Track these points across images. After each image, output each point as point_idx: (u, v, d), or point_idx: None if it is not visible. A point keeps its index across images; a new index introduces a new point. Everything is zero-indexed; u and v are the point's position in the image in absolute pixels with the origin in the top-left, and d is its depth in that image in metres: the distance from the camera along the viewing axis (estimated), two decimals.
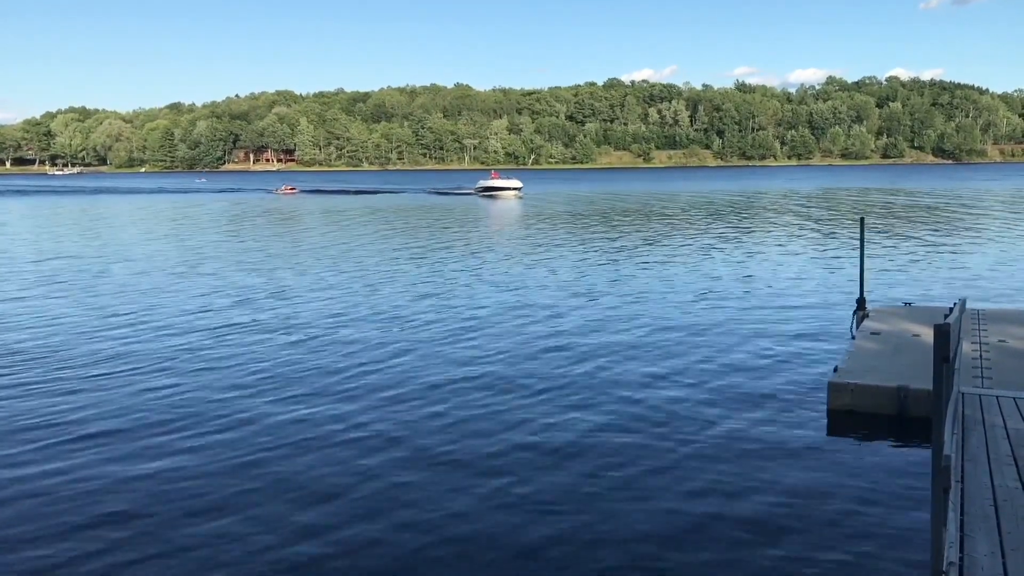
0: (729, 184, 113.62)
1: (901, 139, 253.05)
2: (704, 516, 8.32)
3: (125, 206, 76.38)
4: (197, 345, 16.28)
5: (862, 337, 14.60)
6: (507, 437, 10.69)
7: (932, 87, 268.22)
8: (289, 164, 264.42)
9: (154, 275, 27.05)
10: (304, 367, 14.49)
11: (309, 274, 27.03)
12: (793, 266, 27.90)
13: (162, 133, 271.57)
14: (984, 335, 14.29)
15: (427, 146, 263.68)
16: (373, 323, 18.42)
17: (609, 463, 9.76)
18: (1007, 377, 11.51)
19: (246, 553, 7.61)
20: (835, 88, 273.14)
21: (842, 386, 11.52)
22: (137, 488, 9.14)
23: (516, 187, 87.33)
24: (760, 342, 16.12)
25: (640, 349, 15.62)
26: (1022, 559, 4.89)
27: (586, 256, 31.56)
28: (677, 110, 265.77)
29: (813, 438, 10.62)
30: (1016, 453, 7.22)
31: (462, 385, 13.21)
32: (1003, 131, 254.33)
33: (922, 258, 29.67)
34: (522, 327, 17.80)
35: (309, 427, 11.16)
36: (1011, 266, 27.27)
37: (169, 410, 11.96)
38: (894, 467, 9.59)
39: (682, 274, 26.15)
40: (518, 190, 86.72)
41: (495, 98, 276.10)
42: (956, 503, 5.80)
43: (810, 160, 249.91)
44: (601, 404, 12.13)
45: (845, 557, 7.40)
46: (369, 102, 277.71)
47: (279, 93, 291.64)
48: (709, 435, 10.73)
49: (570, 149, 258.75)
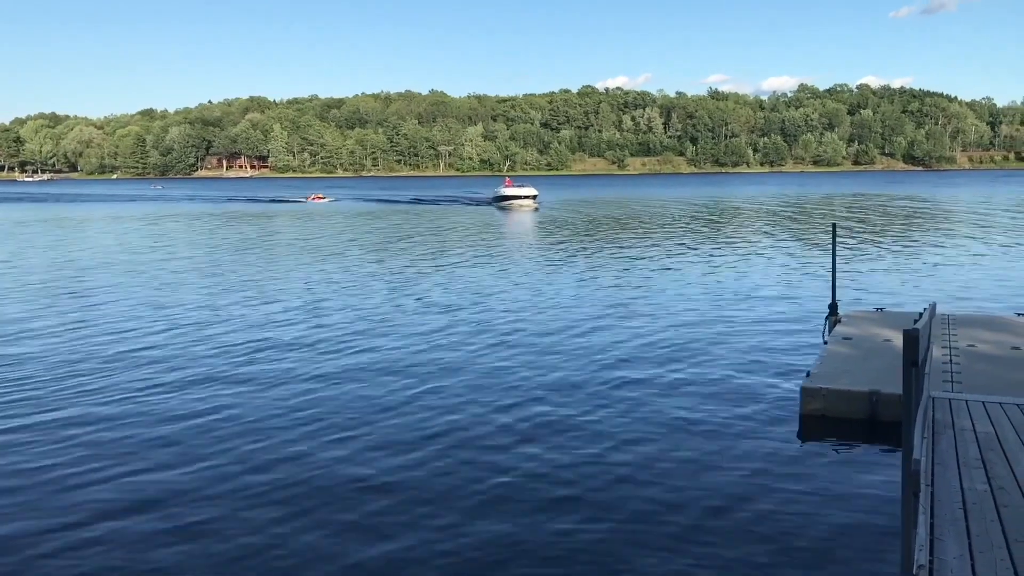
0: (717, 190, 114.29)
1: (872, 146, 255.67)
2: (675, 520, 8.34)
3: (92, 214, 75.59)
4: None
5: (834, 342, 14.72)
6: (480, 438, 10.67)
7: (902, 95, 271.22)
8: (262, 170, 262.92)
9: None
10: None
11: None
12: (766, 272, 28.09)
13: (134, 139, 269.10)
14: (954, 339, 14.44)
15: (402, 153, 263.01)
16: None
17: (582, 466, 9.76)
18: (976, 381, 11.64)
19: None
20: (807, 95, 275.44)
21: (814, 391, 11.60)
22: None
23: (531, 195, 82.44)
24: (734, 347, 16.20)
25: (612, 355, 15.64)
26: (991, 561, 4.93)
27: (561, 263, 31.62)
28: (651, 117, 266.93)
29: (786, 442, 10.68)
30: (985, 456, 7.29)
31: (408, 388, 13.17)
32: (971, 138, 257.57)
33: (893, 263, 29.97)
34: (486, 335, 17.79)
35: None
36: (980, 271, 27.61)
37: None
38: (866, 470, 9.67)
39: (655, 280, 26.25)
40: (533, 198, 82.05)
41: (470, 105, 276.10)
42: (926, 506, 5.84)
43: (782, 167, 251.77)
44: (572, 408, 12.14)
45: (817, 560, 7.45)
46: (343, 108, 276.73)
47: (252, 99, 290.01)
48: (682, 439, 10.76)
49: (545, 156, 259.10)
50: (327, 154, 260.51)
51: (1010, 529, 5.50)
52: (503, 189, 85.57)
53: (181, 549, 7.82)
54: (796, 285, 24.69)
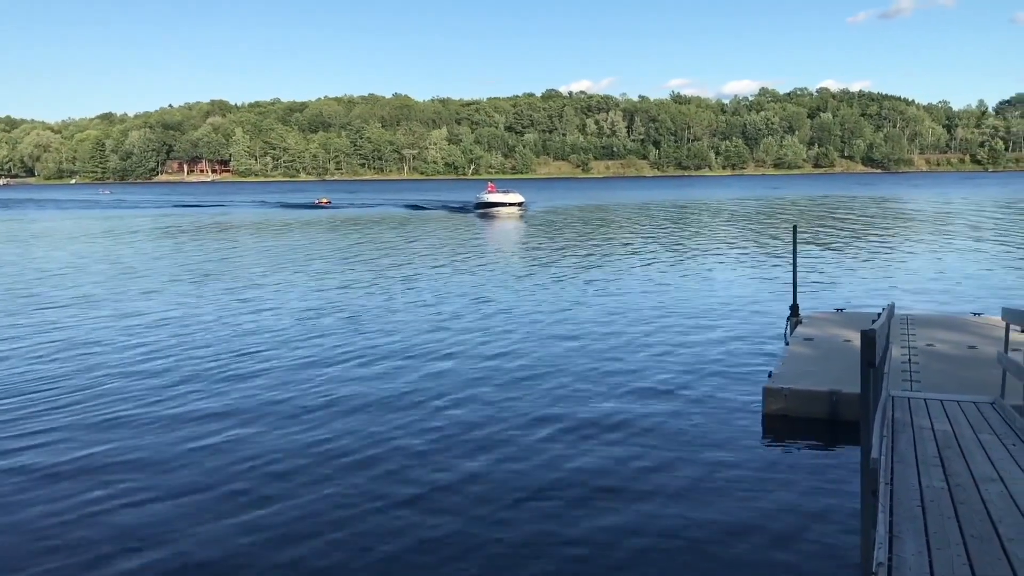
0: (681, 193, 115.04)
1: (832, 149, 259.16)
2: (636, 520, 8.36)
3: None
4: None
5: (795, 343, 14.87)
6: (439, 450, 10.64)
7: (861, 98, 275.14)
8: (224, 175, 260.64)
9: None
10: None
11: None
12: (729, 274, 28.31)
13: (93, 144, 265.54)
14: (913, 339, 14.66)
15: (365, 156, 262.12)
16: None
17: (543, 470, 9.76)
18: (934, 380, 11.83)
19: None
20: (768, 99, 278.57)
21: (776, 391, 11.70)
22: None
23: (517, 202, 76.74)
24: (696, 349, 16.30)
25: (575, 358, 15.67)
26: (948, 558, 4.99)
27: (527, 268, 31.64)
28: (614, 121, 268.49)
29: (748, 442, 10.76)
30: (943, 454, 7.39)
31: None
32: (928, 141, 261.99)
33: (853, 265, 30.35)
34: (449, 341, 17.76)
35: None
36: (938, 273, 28.03)
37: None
38: (827, 470, 9.77)
39: (618, 283, 26.35)
40: (519, 205, 76.21)
41: (434, 108, 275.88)
42: (885, 504, 5.90)
43: (744, 170, 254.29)
44: (534, 411, 12.13)
45: (778, 558, 7.50)
46: (306, 112, 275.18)
47: (214, 103, 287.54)
48: (644, 440, 10.79)
49: (509, 159, 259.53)
50: (290, 158, 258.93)
51: (966, 525, 5.57)
52: (486, 195, 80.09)
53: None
54: (758, 287, 24.91)
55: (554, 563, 7.55)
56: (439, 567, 7.49)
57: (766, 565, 7.40)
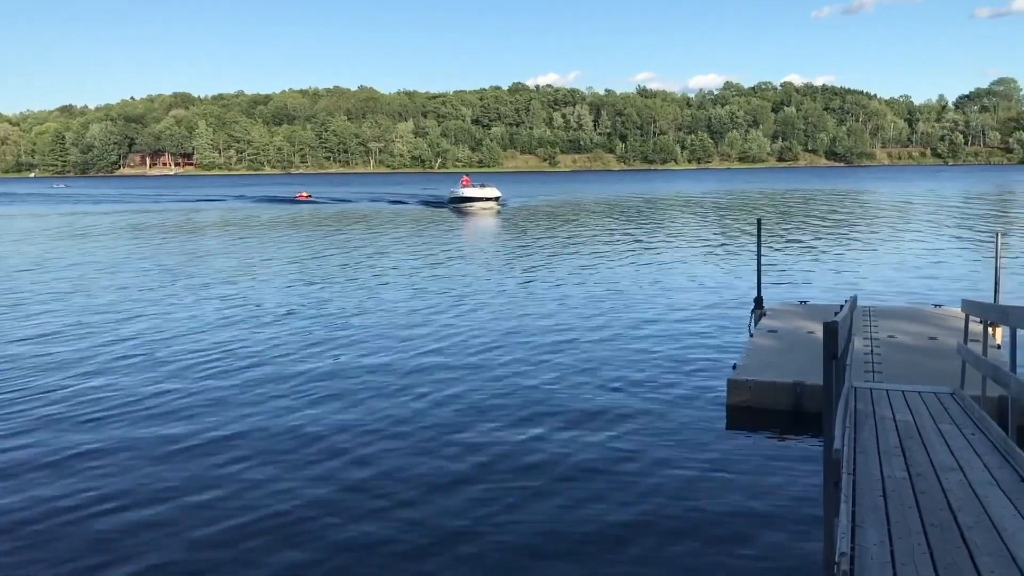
0: (648, 187, 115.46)
1: (795, 143, 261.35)
2: (599, 513, 8.38)
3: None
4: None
5: (760, 335, 14.99)
6: (389, 444, 10.60)
7: (824, 92, 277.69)
8: (187, 168, 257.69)
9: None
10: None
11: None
12: (693, 267, 28.48)
13: (52, 136, 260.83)
14: (875, 331, 14.84)
15: (331, 149, 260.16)
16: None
17: (503, 464, 9.75)
18: (896, 371, 11.99)
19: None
20: (732, 93, 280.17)
21: (741, 383, 11.79)
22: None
23: (493, 197, 72.61)
24: (662, 341, 16.38)
25: (537, 352, 15.67)
26: (909, 546, 5.06)
27: (494, 263, 31.61)
28: (581, 115, 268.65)
29: (713, 434, 10.82)
30: (904, 444, 7.50)
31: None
32: (890, 135, 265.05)
33: (816, 258, 30.67)
34: (409, 333, 17.72)
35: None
36: (900, 265, 28.42)
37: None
38: (791, 460, 9.84)
39: (582, 276, 26.42)
40: (496, 200, 72.48)
41: (400, 101, 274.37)
42: (848, 494, 5.97)
43: (709, 164, 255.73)
44: (497, 405, 12.12)
45: (741, 549, 7.55)
46: (270, 105, 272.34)
47: (176, 95, 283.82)
48: (609, 433, 10.82)
49: (476, 153, 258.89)
50: (254, 151, 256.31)
51: (927, 514, 5.65)
52: (460, 189, 75.84)
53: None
54: (723, 280, 25.07)
55: (503, 551, 7.53)
56: (397, 564, 7.46)
57: (729, 556, 7.44)
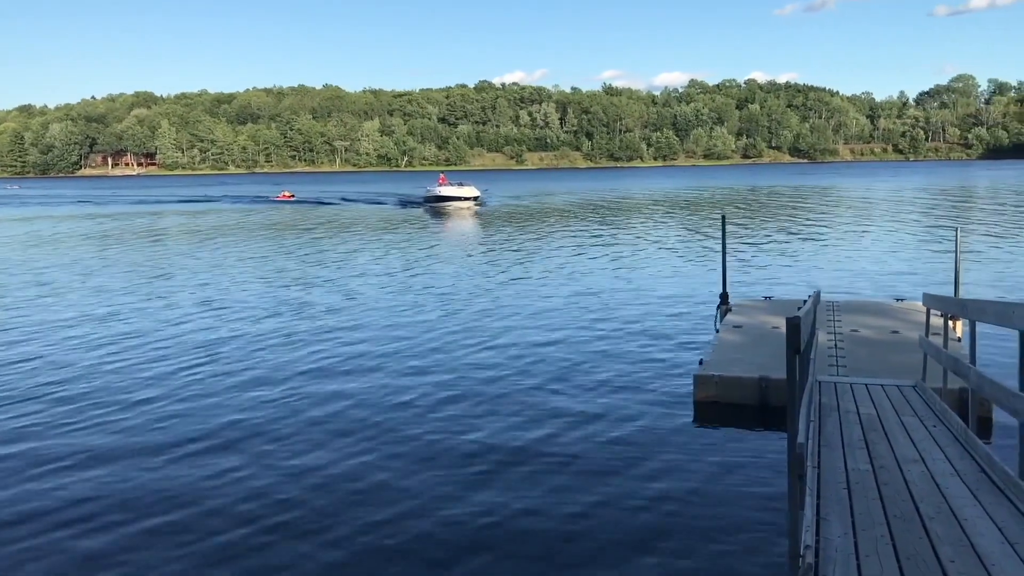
0: (615, 184, 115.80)
1: (760, 139, 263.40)
2: (565, 507, 8.38)
3: None
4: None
5: (725, 330, 15.08)
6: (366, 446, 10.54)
7: (787, 89, 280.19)
8: (150, 168, 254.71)
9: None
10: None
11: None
12: (659, 264, 28.63)
13: (11, 137, 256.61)
14: (838, 325, 14.98)
15: (296, 148, 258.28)
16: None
17: (470, 463, 9.71)
18: (859, 364, 12.11)
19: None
20: (697, 91, 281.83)
21: (707, 378, 11.84)
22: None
23: (472, 196, 69.88)
24: (628, 338, 16.42)
25: (504, 351, 15.65)
26: (872, 538, 5.09)
27: (455, 258, 31.54)
28: (547, 112, 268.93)
29: (680, 429, 10.86)
30: (867, 437, 7.56)
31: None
32: (852, 131, 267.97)
33: (781, 253, 30.96)
34: (375, 331, 17.64)
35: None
36: (862, 259, 28.77)
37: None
38: (756, 455, 9.90)
39: (548, 273, 26.45)
40: (475, 199, 69.72)
41: (366, 99, 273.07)
42: (813, 487, 6.00)
43: (675, 161, 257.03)
44: (466, 403, 12.09)
45: (707, 543, 7.57)
46: (234, 103, 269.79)
47: (138, 94, 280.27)
48: (576, 429, 10.82)
49: (443, 151, 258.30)
50: (218, 150, 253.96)
51: (890, 506, 5.70)
52: (437, 188, 72.82)
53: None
54: (688, 276, 25.22)
55: (452, 550, 7.51)
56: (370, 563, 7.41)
57: (695, 549, 7.46)
